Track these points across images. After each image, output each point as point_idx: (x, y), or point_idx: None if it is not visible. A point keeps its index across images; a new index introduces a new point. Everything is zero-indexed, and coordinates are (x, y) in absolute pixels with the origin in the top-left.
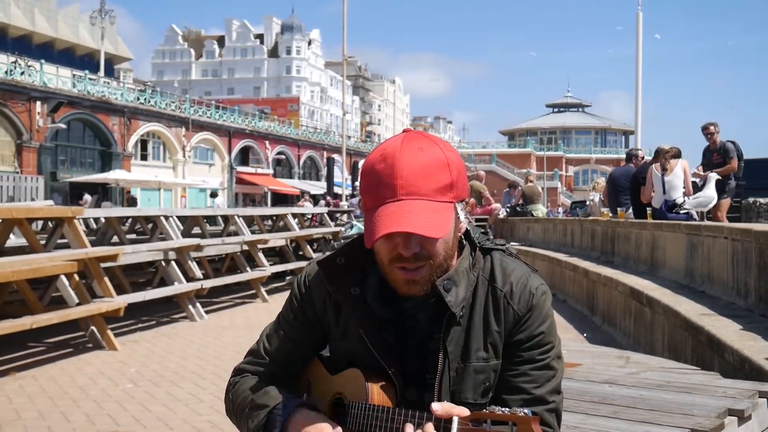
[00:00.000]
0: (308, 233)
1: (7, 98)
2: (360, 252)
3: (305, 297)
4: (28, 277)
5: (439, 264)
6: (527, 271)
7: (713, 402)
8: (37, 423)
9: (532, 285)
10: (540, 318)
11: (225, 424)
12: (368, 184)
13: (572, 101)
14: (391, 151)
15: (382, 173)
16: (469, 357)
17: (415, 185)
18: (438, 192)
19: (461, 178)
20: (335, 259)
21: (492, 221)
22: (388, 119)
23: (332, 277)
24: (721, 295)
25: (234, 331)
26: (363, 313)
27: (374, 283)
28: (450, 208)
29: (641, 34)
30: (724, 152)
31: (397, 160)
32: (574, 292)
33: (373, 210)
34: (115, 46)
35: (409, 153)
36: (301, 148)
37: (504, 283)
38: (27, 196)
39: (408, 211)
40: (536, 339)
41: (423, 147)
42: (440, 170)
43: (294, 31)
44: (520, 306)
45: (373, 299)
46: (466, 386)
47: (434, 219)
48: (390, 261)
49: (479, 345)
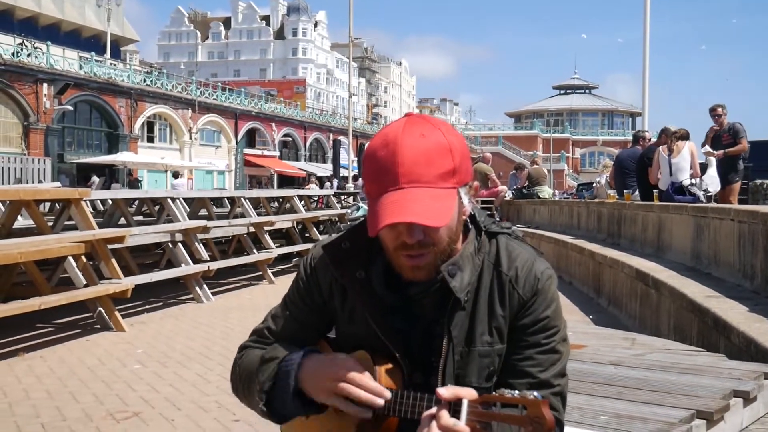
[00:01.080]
0: (314, 215)
1: (14, 80)
2: (365, 236)
3: (311, 280)
4: (35, 259)
5: (444, 249)
6: (533, 255)
7: (718, 383)
8: (47, 403)
9: (538, 269)
10: (545, 302)
11: (232, 404)
12: (370, 171)
13: (579, 83)
14: (392, 137)
15: (384, 160)
16: (474, 341)
17: (416, 172)
18: (440, 178)
19: (464, 163)
20: (340, 243)
21: (498, 203)
22: (394, 101)
23: (337, 262)
24: (727, 277)
25: (241, 312)
26: (369, 297)
27: (380, 269)
28: (453, 194)
29: (648, 15)
30: (734, 133)
31: (398, 147)
32: (580, 274)
33: (375, 198)
34: (122, 27)
35: (411, 139)
36: (307, 130)
37: (509, 267)
38: (34, 178)
39: (410, 200)
40: (541, 323)
41: (425, 132)
42: (442, 156)
43: (300, 13)
44: (525, 290)
45: (378, 285)
46: (470, 370)
47: (437, 207)
48: (395, 248)
49: (484, 329)
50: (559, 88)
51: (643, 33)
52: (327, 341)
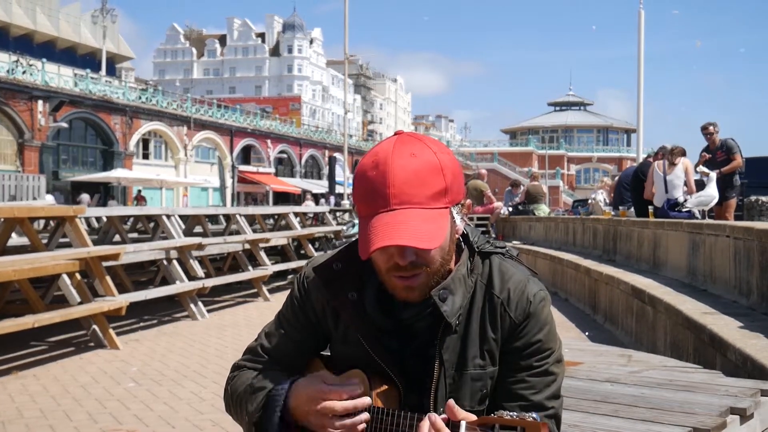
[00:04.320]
0: (310, 232)
1: (9, 97)
2: (356, 257)
3: (305, 299)
4: (29, 276)
5: (437, 270)
6: (526, 276)
7: (715, 400)
8: (40, 422)
9: (530, 291)
10: (538, 325)
11: (227, 422)
12: (361, 191)
13: (574, 99)
14: (383, 157)
15: (375, 181)
16: (466, 365)
17: (408, 193)
18: (432, 199)
19: (456, 181)
20: (331, 265)
21: (494, 220)
22: (389, 118)
23: (329, 284)
24: (723, 293)
25: (236, 329)
26: (361, 319)
27: (372, 291)
28: (445, 215)
29: (643, 31)
30: (728, 149)
31: (389, 167)
32: (575, 291)
33: (367, 219)
34: (117, 45)
35: (401, 159)
36: (302, 147)
37: (501, 289)
38: (29, 195)
39: (402, 222)
40: (534, 347)
41: (415, 152)
42: (434, 176)
43: (296, 30)
44: (517, 314)
45: (371, 307)
46: (463, 394)
47: (429, 228)
48: (387, 270)
49: (476, 353)
50: (555, 105)
51: (638, 49)
52: (321, 359)
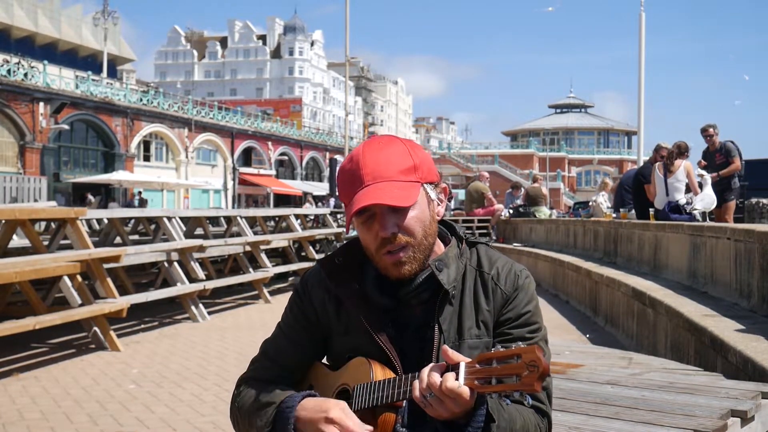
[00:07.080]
0: (311, 234)
1: (10, 99)
2: (357, 251)
3: (304, 299)
4: (31, 278)
5: (420, 242)
6: (511, 260)
7: (716, 403)
8: (41, 423)
9: (517, 269)
10: (526, 297)
11: (227, 424)
12: (341, 184)
13: (575, 102)
14: (356, 152)
15: (351, 170)
16: (463, 335)
17: (378, 170)
18: (402, 173)
19: (425, 163)
20: (334, 259)
21: (494, 222)
22: (390, 120)
23: (332, 275)
24: (723, 296)
25: (236, 331)
26: (363, 304)
27: (371, 277)
28: (416, 186)
29: (644, 34)
30: (726, 152)
31: (361, 156)
32: (576, 293)
33: (348, 202)
34: (118, 47)
35: (371, 149)
36: (303, 149)
37: (491, 267)
38: (30, 197)
39: (375, 189)
40: (524, 317)
41: (383, 143)
42: (401, 156)
43: (297, 32)
44: (506, 286)
45: (372, 290)
46: None
47: (400, 192)
48: (376, 249)
49: (472, 323)
50: (555, 107)
51: (639, 52)
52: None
